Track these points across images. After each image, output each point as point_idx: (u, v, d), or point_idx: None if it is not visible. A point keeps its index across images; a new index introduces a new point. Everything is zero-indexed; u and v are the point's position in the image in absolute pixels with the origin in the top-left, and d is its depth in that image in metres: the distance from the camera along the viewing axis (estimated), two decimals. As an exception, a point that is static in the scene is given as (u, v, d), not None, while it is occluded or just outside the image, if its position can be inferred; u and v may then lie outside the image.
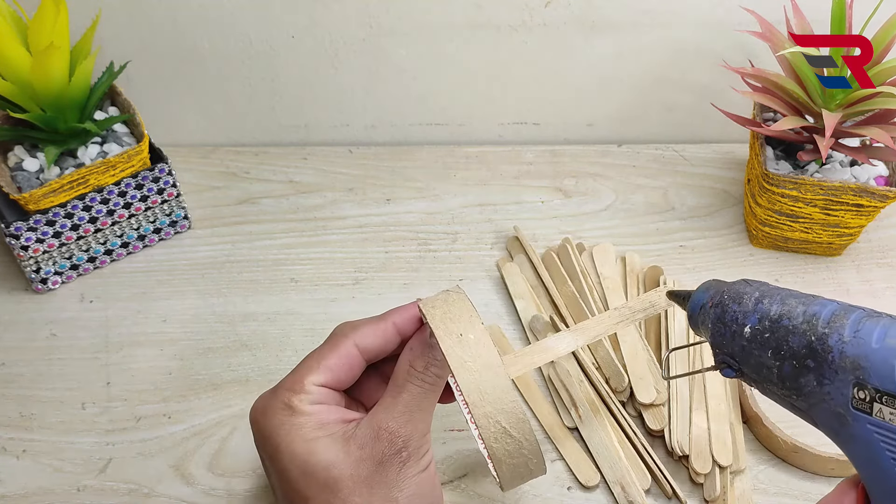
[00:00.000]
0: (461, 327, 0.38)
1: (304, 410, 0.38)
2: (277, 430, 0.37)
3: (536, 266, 0.59)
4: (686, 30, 0.64)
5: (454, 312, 0.39)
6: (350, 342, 0.40)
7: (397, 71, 0.66)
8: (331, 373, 0.39)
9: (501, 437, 0.37)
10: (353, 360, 0.40)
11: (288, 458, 0.37)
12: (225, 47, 0.64)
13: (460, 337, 0.38)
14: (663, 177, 0.67)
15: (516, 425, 0.37)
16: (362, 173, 0.67)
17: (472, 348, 0.37)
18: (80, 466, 0.48)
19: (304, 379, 0.38)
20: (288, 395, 0.38)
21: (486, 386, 0.37)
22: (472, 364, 0.37)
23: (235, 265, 0.60)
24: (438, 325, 0.38)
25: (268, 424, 0.38)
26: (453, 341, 0.38)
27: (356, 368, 0.40)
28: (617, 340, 0.53)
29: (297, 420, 0.37)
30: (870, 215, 0.57)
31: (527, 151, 0.69)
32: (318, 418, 0.38)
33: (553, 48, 0.65)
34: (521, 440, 0.37)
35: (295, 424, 0.37)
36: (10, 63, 0.50)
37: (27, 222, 0.53)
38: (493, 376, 0.37)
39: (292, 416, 0.38)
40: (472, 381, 0.37)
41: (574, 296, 0.56)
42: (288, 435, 0.37)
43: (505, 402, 0.37)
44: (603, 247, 0.60)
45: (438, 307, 0.39)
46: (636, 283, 0.58)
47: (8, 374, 0.53)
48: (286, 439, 0.37)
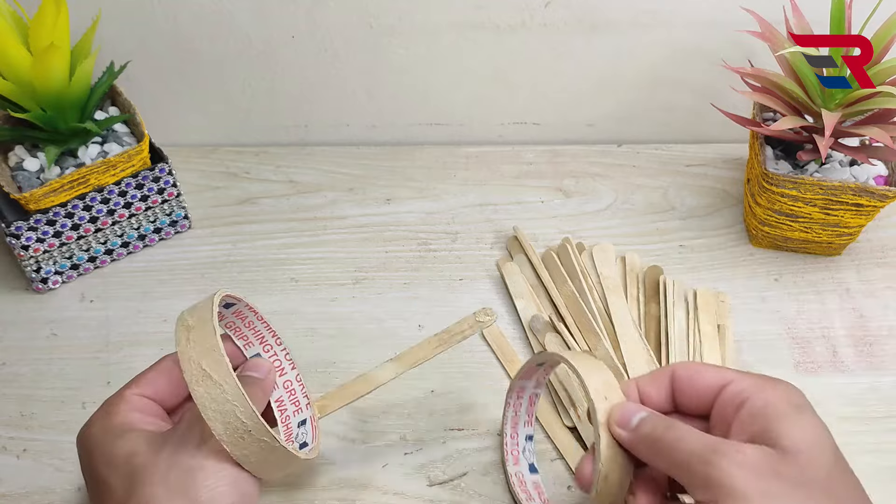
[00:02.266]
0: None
1: (119, 412, 0.39)
2: (91, 437, 0.39)
3: (536, 266, 0.59)
4: (686, 30, 0.64)
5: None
6: (169, 359, 0.42)
7: (397, 71, 0.66)
8: (150, 385, 0.41)
9: (203, 380, 0.37)
10: (171, 374, 0.42)
11: (97, 456, 0.38)
12: (225, 47, 0.64)
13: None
14: (663, 177, 0.67)
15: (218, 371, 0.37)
16: (362, 173, 0.67)
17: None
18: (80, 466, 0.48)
19: (125, 391, 0.41)
20: (107, 406, 0.40)
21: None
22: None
23: (235, 265, 0.60)
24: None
25: (86, 432, 0.40)
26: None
27: (175, 382, 0.42)
28: (617, 340, 0.53)
29: (112, 419, 0.39)
30: (869, 215, 0.57)
31: (527, 151, 0.69)
32: (131, 418, 0.39)
33: (553, 48, 0.65)
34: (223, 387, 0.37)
35: (110, 424, 0.39)
36: (11, 63, 0.50)
37: (28, 222, 0.53)
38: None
39: (108, 418, 0.39)
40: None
41: (574, 295, 0.56)
42: (100, 435, 0.39)
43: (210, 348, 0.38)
44: (603, 246, 0.60)
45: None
46: (636, 282, 0.58)
47: (8, 373, 0.53)
48: (97, 440, 0.39)
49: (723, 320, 0.56)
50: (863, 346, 0.55)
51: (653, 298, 0.57)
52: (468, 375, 0.53)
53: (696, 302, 0.56)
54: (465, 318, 0.48)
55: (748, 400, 0.37)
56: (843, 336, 0.56)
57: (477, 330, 0.47)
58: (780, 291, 0.59)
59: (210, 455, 0.37)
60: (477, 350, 0.55)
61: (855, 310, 0.57)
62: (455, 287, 0.59)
